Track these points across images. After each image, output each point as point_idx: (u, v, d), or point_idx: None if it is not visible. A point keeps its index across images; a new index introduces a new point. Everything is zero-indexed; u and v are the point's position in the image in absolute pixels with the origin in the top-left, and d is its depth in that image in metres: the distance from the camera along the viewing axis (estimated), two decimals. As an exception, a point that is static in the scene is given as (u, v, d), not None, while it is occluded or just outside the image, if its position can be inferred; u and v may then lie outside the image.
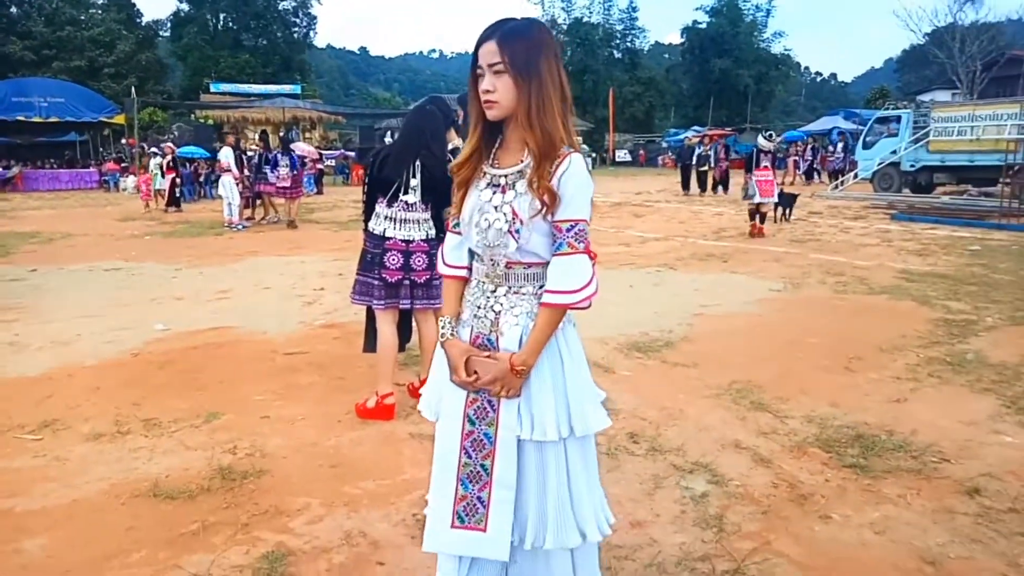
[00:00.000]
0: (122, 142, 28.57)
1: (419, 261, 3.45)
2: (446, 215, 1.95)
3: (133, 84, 31.61)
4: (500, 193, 1.60)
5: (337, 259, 8.66)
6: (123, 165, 24.84)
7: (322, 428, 3.47)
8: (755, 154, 10.74)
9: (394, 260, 3.43)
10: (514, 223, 1.56)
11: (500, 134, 1.64)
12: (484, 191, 1.62)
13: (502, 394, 1.59)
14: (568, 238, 1.55)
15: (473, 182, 1.65)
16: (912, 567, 2.30)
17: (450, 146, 3.62)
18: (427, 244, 3.46)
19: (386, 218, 3.46)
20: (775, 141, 11.41)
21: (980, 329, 5.21)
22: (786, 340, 5.00)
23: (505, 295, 1.63)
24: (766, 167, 10.66)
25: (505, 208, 1.57)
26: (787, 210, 12.64)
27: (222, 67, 44.48)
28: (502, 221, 1.57)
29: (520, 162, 1.59)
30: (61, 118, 25.83)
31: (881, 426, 3.42)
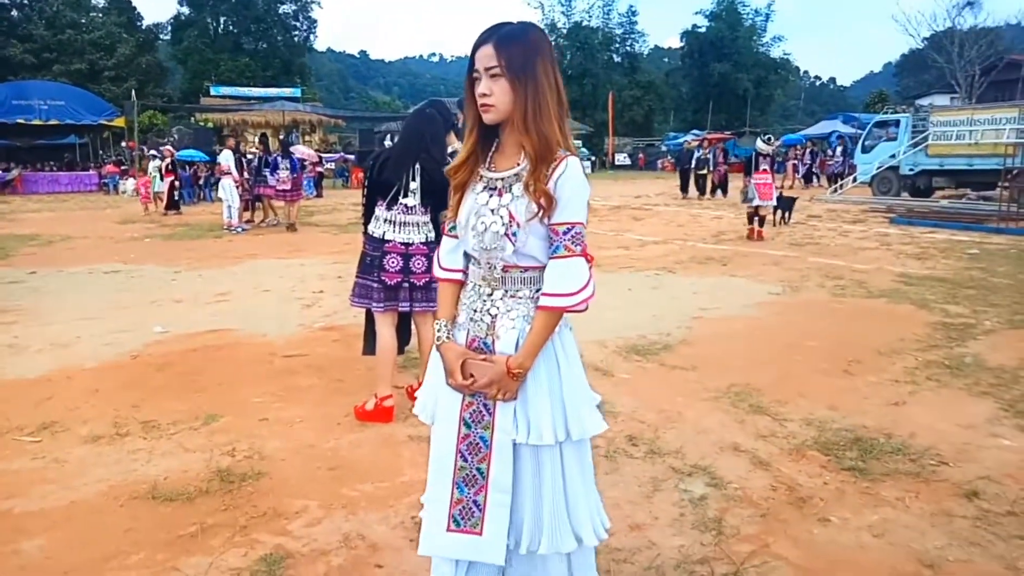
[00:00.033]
0: (122, 145, 28.62)
1: (418, 264, 3.46)
2: (442, 218, 1.95)
3: (133, 87, 31.73)
4: (497, 196, 1.60)
5: (336, 262, 8.67)
6: (123, 168, 24.85)
7: (321, 430, 3.47)
8: (754, 158, 10.76)
9: (393, 263, 3.43)
10: (511, 226, 1.56)
11: (496, 138, 1.64)
12: (481, 194, 1.62)
13: (498, 397, 1.59)
14: (565, 241, 1.55)
15: (469, 185, 1.66)
16: (910, 570, 2.30)
17: (450, 149, 3.63)
18: (426, 247, 3.47)
19: (385, 221, 3.46)
20: (774, 145, 11.42)
21: (978, 333, 5.22)
22: (785, 343, 5.01)
23: (501, 299, 1.63)
24: (765, 170, 10.69)
25: (502, 211, 1.57)
26: (786, 213, 12.66)
27: (222, 70, 44.51)
28: (499, 224, 1.57)
29: (516, 165, 1.59)
30: (61, 121, 25.92)
31: (879, 429, 3.43)
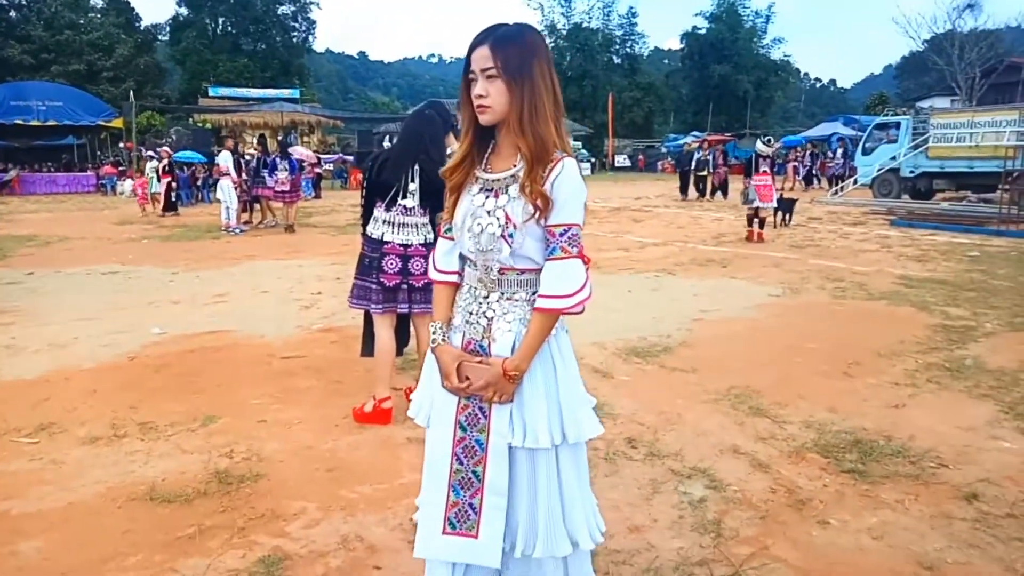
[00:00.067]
0: (120, 146, 28.62)
1: (417, 265, 3.44)
2: (438, 220, 1.94)
3: (131, 88, 31.72)
4: (493, 198, 1.59)
5: (335, 263, 8.66)
6: (120, 169, 24.86)
7: (319, 432, 3.46)
8: (754, 159, 10.77)
9: (392, 264, 3.42)
10: (507, 227, 1.55)
11: (492, 139, 1.63)
12: (477, 196, 1.62)
13: (494, 400, 1.58)
14: (561, 242, 1.54)
15: (466, 187, 1.65)
16: (910, 572, 2.30)
17: (449, 151, 3.62)
18: (425, 248, 3.45)
19: (384, 222, 3.45)
20: (774, 147, 11.43)
21: (979, 335, 5.22)
22: (785, 345, 5.00)
23: (498, 301, 1.63)
24: (765, 172, 10.69)
25: (498, 212, 1.56)
26: (786, 215, 12.67)
27: (221, 71, 44.48)
28: (495, 226, 1.56)
29: (513, 167, 1.58)
30: (59, 122, 25.89)
31: (879, 431, 3.42)
